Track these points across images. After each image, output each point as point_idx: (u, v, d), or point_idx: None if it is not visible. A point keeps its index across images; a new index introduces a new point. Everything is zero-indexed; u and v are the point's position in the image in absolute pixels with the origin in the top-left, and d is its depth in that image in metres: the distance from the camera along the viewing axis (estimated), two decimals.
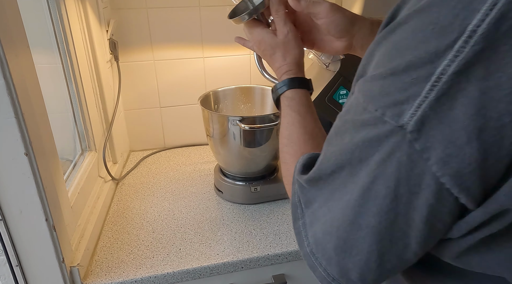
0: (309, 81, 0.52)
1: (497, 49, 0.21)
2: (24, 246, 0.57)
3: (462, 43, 0.22)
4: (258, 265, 0.70)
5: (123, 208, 0.85)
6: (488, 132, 0.22)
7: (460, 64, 0.22)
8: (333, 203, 0.31)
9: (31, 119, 0.52)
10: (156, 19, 1.02)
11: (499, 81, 0.21)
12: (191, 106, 1.14)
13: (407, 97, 0.24)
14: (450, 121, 0.23)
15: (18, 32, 0.51)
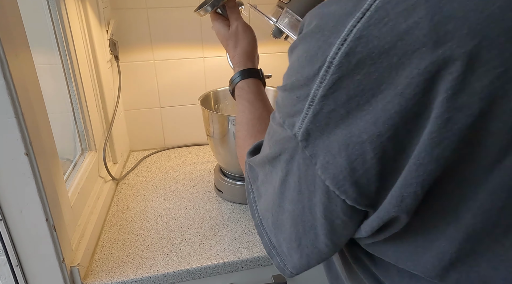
0: (259, 71, 0.58)
1: (353, 78, 0.24)
2: (24, 246, 0.57)
3: (324, 72, 0.25)
4: (258, 265, 0.70)
5: (123, 208, 0.85)
6: (352, 146, 0.25)
7: (324, 89, 0.25)
8: (267, 185, 0.37)
9: (31, 119, 0.52)
10: (156, 19, 1.02)
11: (358, 103, 0.24)
12: (191, 106, 1.14)
13: (296, 112, 0.28)
14: (327, 134, 0.26)
15: (18, 32, 0.51)
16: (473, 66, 0.21)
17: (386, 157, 0.25)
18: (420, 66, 0.22)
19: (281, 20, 0.65)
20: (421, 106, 0.23)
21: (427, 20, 0.22)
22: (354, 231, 0.31)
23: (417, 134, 0.24)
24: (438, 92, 0.22)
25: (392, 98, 0.23)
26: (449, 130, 0.22)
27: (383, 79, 0.23)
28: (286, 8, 0.63)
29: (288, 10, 0.63)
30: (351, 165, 0.26)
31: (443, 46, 0.21)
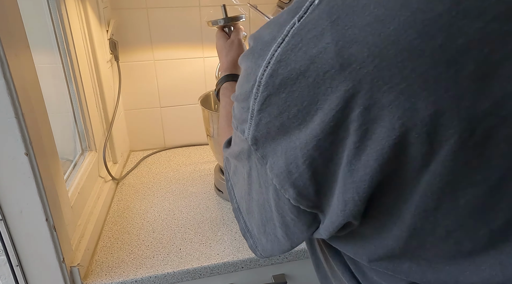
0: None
1: (279, 96, 0.27)
2: (24, 246, 0.57)
3: (256, 90, 0.28)
4: (258, 265, 0.70)
5: (123, 208, 0.85)
6: (288, 151, 0.28)
7: (259, 104, 0.28)
8: (239, 176, 0.41)
9: (31, 120, 0.52)
10: (156, 19, 1.02)
11: (288, 117, 0.27)
12: (191, 106, 1.14)
13: (243, 120, 0.31)
14: (270, 140, 0.29)
15: (18, 32, 0.51)
16: (378, 83, 0.23)
17: (314, 163, 0.28)
18: (332, 85, 0.24)
19: None
20: (338, 121, 0.25)
21: (333, 45, 0.24)
22: (305, 231, 0.34)
23: (341, 144, 0.26)
24: (352, 108, 0.24)
25: (313, 112, 0.26)
26: (369, 139, 0.25)
27: (303, 97, 0.26)
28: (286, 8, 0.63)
29: None
30: (288, 168, 0.29)
31: (349, 67, 0.24)
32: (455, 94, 0.22)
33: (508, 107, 0.23)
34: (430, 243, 0.28)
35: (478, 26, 0.21)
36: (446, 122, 0.23)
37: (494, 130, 0.23)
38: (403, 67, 0.22)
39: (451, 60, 0.22)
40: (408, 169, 0.25)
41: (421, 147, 0.24)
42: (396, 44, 0.22)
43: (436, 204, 0.26)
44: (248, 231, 0.43)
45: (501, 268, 0.27)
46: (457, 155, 0.24)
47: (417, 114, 0.23)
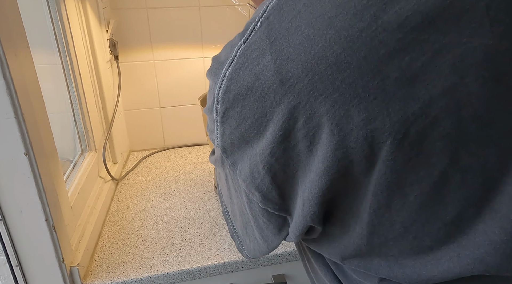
0: None
1: (235, 109, 0.29)
2: (24, 246, 0.57)
3: (215, 104, 0.30)
4: (258, 265, 0.70)
5: (123, 208, 0.85)
6: (250, 158, 0.31)
7: (219, 117, 0.31)
8: (222, 181, 0.43)
9: (31, 119, 0.52)
10: (156, 19, 1.02)
11: (245, 128, 0.30)
12: (191, 106, 1.14)
13: (213, 131, 0.33)
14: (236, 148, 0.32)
15: (18, 32, 0.51)
16: (314, 95, 0.25)
17: (272, 169, 0.30)
18: (276, 99, 0.27)
19: None
20: (286, 130, 0.28)
21: (272, 63, 0.26)
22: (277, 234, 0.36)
23: (293, 151, 0.28)
24: (297, 118, 0.27)
25: (265, 123, 0.28)
26: (317, 143, 0.27)
27: (254, 110, 0.28)
28: None
29: None
30: (252, 173, 0.31)
31: (287, 82, 0.26)
32: (383, 100, 0.24)
33: (437, 107, 0.24)
34: (392, 240, 0.30)
35: (398, 37, 0.23)
36: (379, 126, 0.25)
37: (428, 130, 0.25)
38: (333, 79, 0.25)
39: (375, 70, 0.24)
40: (356, 171, 0.27)
41: (361, 149, 0.26)
42: (325, 59, 0.25)
43: (388, 201, 0.28)
44: (235, 233, 0.46)
45: (458, 260, 0.28)
46: (396, 155, 0.26)
47: (351, 120, 0.25)
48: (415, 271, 0.31)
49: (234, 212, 0.43)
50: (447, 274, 0.29)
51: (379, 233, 0.30)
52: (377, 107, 0.25)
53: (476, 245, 0.28)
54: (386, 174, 0.27)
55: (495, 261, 0.27)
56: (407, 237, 0.29)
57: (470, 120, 0.25)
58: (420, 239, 0.29)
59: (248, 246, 0.43)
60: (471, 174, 0.26)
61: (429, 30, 0.23)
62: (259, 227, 0.37)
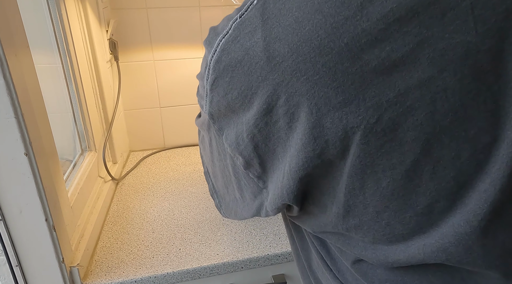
0: None
1: (224, 79, 0.31)
2: (24, 246, 0.57)
3: (207, 72, 0.32)
4: (258, 265, 0.70)
5: (123, 208, 0.85)
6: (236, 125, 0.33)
7: (209, 84, 0.32)
8: (205, 144, 0.45)
9: (31, 119, 0.52)
10: (156, 19, 1.02)
11: (232, 97, 0.31)
12: (191, 106, 1.14)
13: (202, 96, 0.35)
14: (222, 115, 0.34)
15: (18, 32, 0.51)
16: (296, 75, 0.27)
17: (255, 139, 0.32)
18: (262, 75, 0.28)
19: None
20: (269, 105, 0.29)
21: (262, 40, 0.28)
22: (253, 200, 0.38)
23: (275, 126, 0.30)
24: (279, 95, 0.28)
25: (249, 96, 0.30)
26: (296, 121, 0.28)
27: (241, 82, 0.30)
28: None
29: None
30: (237, 140, 0.33)
31: (273, 60, 0.27)
32: (360, 85, 0.26)
33: (412, 98, 0.25)
34: (366, 223, 0.31)
35: (380, 28, 0.24)
36: (354, 110, 0.26)
37: (401, 119, 0.26)
38: (315, 61, 0.26)
39: (355, 57, 0.25)
40: (332, 152, 0.28)
41: (336, 131, 0.27)
42: (310, 42, 0.26)
43: (361, 183, 0.29)
44: (215, 191, 0.49)
45: (424, 248, 0.29)
46: (369, 139, 0.27)
47: (329, 101, 0.27)
48: (384, 253, 0.32)
49: (215, 173, 0.45)
50: (411, 260, 0.31)
51: (354, 214, 0.31)
52: (354, 92, 0.26)
53: (442, 236, 0.28)
54: (360, 157, 0.28)
55: (457, 252, 0.28)
56: (380, 222, 0.30)
57: (444, 114, 0.25)
58: (392, 226, 0.30)
59: (227, 205, 0.46)
60: (443, 166, 0.27)
61: (412, 23, 0.24)
62: (240, 187, 0.39)
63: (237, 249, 0.71)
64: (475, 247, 0.28)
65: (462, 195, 0.27)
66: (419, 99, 0.25)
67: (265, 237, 0.74)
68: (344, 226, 0.32)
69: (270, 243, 0.73)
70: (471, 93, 0.25)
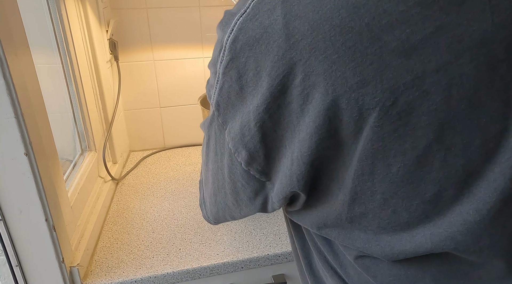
0: None
1: (239, 60, 0.30)
2: (24, 246, 0.57)
3: (222, 54, 0.31)
4: (258, 265, 0.70)
5: (123, 208, 0.85)
6: (243, 115, 0.31)
7: (223, 68, 0.31)
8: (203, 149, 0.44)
9: (31, 119, 0.52)
10: (156, 19, 1.02)
11: (246, 81, 0.30)
12: (191, 106, 1.14)
13: (211, 85, 0.34)
14: (230, 105, 0.32)
15: (18, 32, 0.51)
16: (315, 53, 0.27)
17: (264, 126, 0.31)
18: (279, 53, 0.28)
19: None
20: (284, 86, 0.29)
21: (281, 18, 0.27)
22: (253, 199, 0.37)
23: (287, 109, 0.29)
24: (295, 74, 0.28)
25: (264, 77, 0.29)
26: (310, 103, 0.28)
27: (257, 62, 0.29)
28: None
29: None
30: (242, 131, 0.32)
31: (293, 38, 0.27)
32: (378, 67, 0.25)
33: (429, 82, 0.25)
34: (372, 211, 0.31)
35: (401, 9, 0.25)
36: (371, 91, 0.26)
37: (417, 103, 0.26)
38: (335, 40, 0.26)
39: (375, 37, 0.25)
40: (345, 134, 0.28)
41: (351, 112, 0.27)
42: (330, 21, 0.26)
43: (371, 168, 0.29)
44: (204, 202, 0.49)
45: (431, 237, 0.30)
46: (383, 122, 0.27)
47: (346, 82, 0.26)
48: (389, 244, 0.32)
49: (207, 180, 0.44)
50: (419, 249, 0.30)
51: (360, 202, 0.31)
52: (372, 72, 0.26)
53: (450, 224, 0.29)
54: (372, 140, 0.28)
55: (465, 240, 0.28)
56: (386, 209, 0.30)
57: (458, 100, 0.25)
58: (398, 214, 0.30)
59: (214, 214, 0.46)
60: (453, 154, 0.27)
61: (433, 7, 0.24)
62: (235, 191, 0.38)
63: (237, 249, 0.71)
64: (484, 236, 0.28)
65: (470, 184, 0.27)
66: (436, 83, 0.25)
67: (265, 237, 0.74)
68: (348, 214, 0.32)
69: (270, 243, 0.73)
70: (485, 81, 0.25)
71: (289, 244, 0.72)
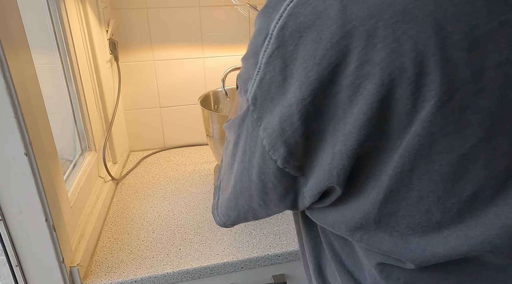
0: None
1: (287, 48, 0.28)
2: (24, 246, 0.57)
3: (267, 42, 0.29)
4: (258, 265, 0.70)
5: (123, 208, 0.85)
6: (283, 109, 0.30)
7: (267, 57, 0.29)
8: (227, 151, 0.42)
9: (31, 119, 0.52)
10: (156, 19, 1.02)
11: (291, 71, 0.29)
12: (191, 106, 1.14)
13: (249, 77, 0.32)
14: (269, 98, 0.31)
15: (18, 32, 0.51)
16: (373, 41, 0.25)
17: (308, 119, 0.29)
18: (332, 41, 0.26)
19: None
20: (334, 74, 0.27)
21: (338, 2, 0.26)
22: (284, 197, 0.36)
23: (333, 100, 0.28)
24: (349, 63, 0.26)
25: (312, 67, 0.27)
26: (361, 94, 0.27)
27: (307, 50, 0.28)
28: None
29: None
30: (282, 126, 0.30)
31: (349, 24, 0.26)
32: (440, 59, 0.24)
33: (486, 79, 0.25)
34: (403, 209, 0.30)
35: (467, 1, 0.24)
36: (429, 83, 0.25)
37: (472, 100, 0.25)
38: (396, 28, 0.25)
39: (440, 27, 0.24)
40: (394, 126, 0.27)
41: (405, 104, 0.26)
42: (392, 7, 0.25)
43: (412, 165, 0.28)
44: (216, 208, 0.47)
45: (466, 240, 0.29)
46: (436, 116, 0.26)
47: (404, 72, 0.25)
48: (419, 247, 0.31)
49: (228, 184, 0.42)
50: (453, 252, 0.30)
51: (393, 199, 0.30)
52: (433, 64, 0.25)
53: (487, 227, 0.28)
54: (420, 136, 0.27)
55: (503, 243, 0.28)
56: (420, 208, 0.29)
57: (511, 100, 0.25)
58: (431, 213, 0.29)
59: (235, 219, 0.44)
60: (499, 154, 0.26)
61: (497, 1, 0.24)
62: (264, 191, 0.36)
63: (237, 249, 0.71)
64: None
65: (508, 186, 0.27)
66: (493, 81, 0.25)
67: (265, 237, 0.74)
68: (378, 213, 0.31)
69: (270, 243, 0.73)
70: None
71: (289, 244, 0.72)
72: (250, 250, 0.71)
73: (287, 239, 0.74)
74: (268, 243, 0.72)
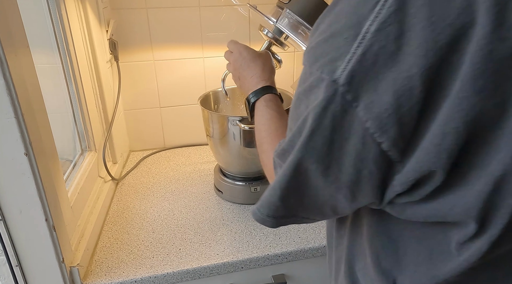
0: (280, 93, 0.62)
1: (407, 12, 0.25)
2: (24, 246, 0.57)
3: (380, 6, 0.26)
4: (258, 265, 0.70)
5: (123, 208, 0.85)
6: (400, 82, 0.26)
7: (379, 23, 0.26)
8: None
9: (31, 119, 0.52)
10: (156, 19, 1.02)
11: (409, 38, 0.25)
12: (191, 106, 1.14)
13: (340, 54, 0.28)
14: (373, 73, 0.27)
15: (18, 32, 0.51)
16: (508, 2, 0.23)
17: (431, 91, 0.26)
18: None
19: (281, 21, 0.65)
20: (466, 37, 0.24)
21: None
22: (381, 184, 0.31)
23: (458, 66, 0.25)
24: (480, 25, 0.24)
25: (442, 28, 0.24)
26: (491, 61, 0.24)
27: (433, 11, 0.25)
28: (285, 9, 0.63)
29: (287, 10, 0.63)
30: (398, 101, 0.26)
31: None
32: None
33: None
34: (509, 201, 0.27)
35: None
36: None
37: None
38: None
39: None
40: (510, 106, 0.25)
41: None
42: None
43: None
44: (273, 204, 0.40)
45: None
46: None
47: None
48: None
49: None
50: None
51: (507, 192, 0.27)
52: None
53: None
54: None
55: None
56: None
57: None
58: None
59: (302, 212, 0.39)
60: None
61: None
62: (356, 182, 0.32)
63: (237, 249, 0.71)
64: None
65: None
66: None
67: (265, 237, 0.74)
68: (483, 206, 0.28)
69: (270, 243, 0.73)
70: None
71: (289, 244, 0.72)
72: (250, 250, 0.71)
73: (287, 239, 0.74)
74: (268, 243, 0.72)
